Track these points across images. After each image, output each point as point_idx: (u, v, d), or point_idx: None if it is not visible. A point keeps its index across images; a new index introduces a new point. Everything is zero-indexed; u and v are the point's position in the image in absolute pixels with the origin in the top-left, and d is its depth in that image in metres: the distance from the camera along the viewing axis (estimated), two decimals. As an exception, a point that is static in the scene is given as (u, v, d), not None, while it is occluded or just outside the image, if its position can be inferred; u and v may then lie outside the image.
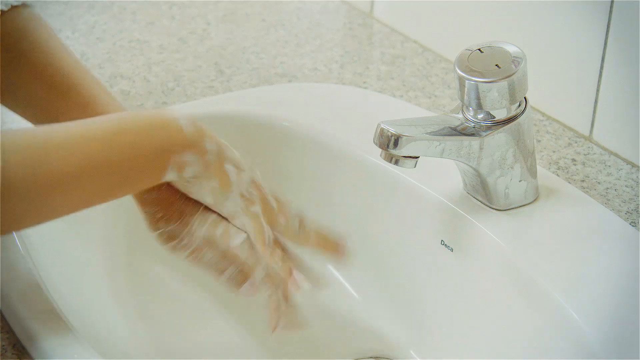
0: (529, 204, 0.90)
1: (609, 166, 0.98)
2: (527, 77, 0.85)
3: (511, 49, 0.84)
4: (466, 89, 0.84)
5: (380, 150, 0.83)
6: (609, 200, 0.93)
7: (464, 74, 0.84)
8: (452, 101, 1.09)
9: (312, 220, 0.83)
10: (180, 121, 0.77)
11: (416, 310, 0.96)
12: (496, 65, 0.84)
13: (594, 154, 1.00)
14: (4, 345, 0.77)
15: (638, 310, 0.79)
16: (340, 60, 1.18)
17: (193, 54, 1.18)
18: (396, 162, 0.83)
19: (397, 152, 0.82)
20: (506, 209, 0.89)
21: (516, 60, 0.84)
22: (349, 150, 1.00)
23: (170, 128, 0.76)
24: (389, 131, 0.82)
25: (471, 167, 0.87)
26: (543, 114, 1.06)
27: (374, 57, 1.19)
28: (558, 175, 0.97)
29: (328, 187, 1.02)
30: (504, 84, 0.83)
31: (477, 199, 0.90)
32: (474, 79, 0.83)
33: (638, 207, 0.92)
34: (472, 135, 0.85)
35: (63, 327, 0.77)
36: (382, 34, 1.23)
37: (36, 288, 0.80)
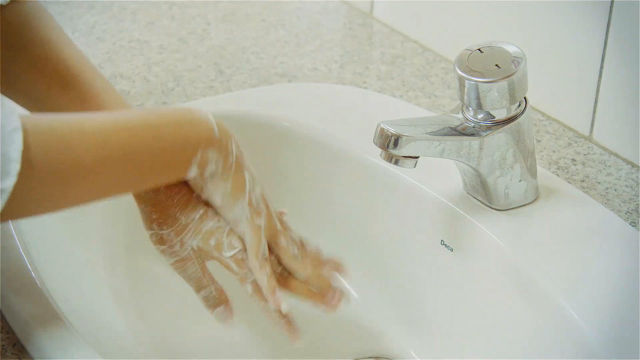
0: (529, 204, 0.90)
1: (609, 166, 0.98)
2: (527, 77, 0.85)
3: (511, 49, 0.84)
4: (466, 89, 0.84)
5: (380, 150, 0.83)
6: (609, 200, 0.93)
7: (464, 74, 0.84)
8: (452, 101, 1.09)
9: (313, 247, 0.83)
10: (208, 119, 0.77)
11: (416, 310, 0.96)
12: (496, 65, 0.84)
13: (594, 154, 1.00)
14: (4, 345, 0.77)
15: (638, 310, 0.79)
16: (340, 60, 1.18)
17: (193, 54, 1.18)
18: (396, 162, 0.83)
19: (397, 152, 0.82)
20: (506, 209, 0.89)
21: (516, 60, 0.84)
22: (349, 150, 1.00)
23: (200, 125, 0.77)
24: (389, 131, 0.82)
25: (471, 167, 0.87)
26: (543, 114, 1.06)
27: (374, 57, 1.19)
28: (558, 175, 0.97)
29: (328, 187, 1.02)
30: (504, 84, 0.83)
31: (477, 199, 0.90)
32: (474, 79, 0.83)
33: (638, 207, 0.92)
34: (472, 135, 0.85)
35: (63, 327, 0.77)
36: (382, 34, 1.23)
37: (36, 288, 0.80)
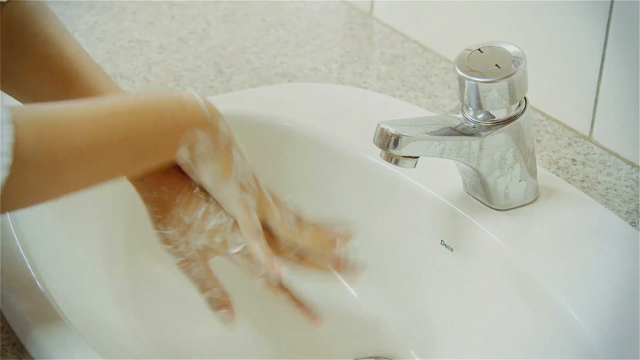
0: (529, 204, 0.90)
1: (609, 166, 0.98)
2: (527, 77, 0.85)
3: (511, 49, 0.84)
4: (466, 89, 0.84)
5: (380, 150, 0.83)
6: (609, 200, 0.93)
7: (464, 74, 0.84)
8: (452, 101, 1.09)
9: (310, 217, 0.83)
10: (197, 100, 0.78)
11: (416, 310, 0.96)
12: (496, 65, 0.84)
13: (594, 154, 1.00)
14: (3, 345, 0.77)
15: (638, 310, 0.79)
16: (340, 60, 1.18)
17: (193, 54, 1.18)
18: (396, 162, 0.83)
19: (397, 152, 0.82)
20: (506, 209, 0.89)
21: (516, 60, 0.84)
22: (349, 150, 1.00)
23: (189, 106, 0.77)
24: (388, 131, 0.82)
25: (471, 167, 0.87)
26: (543, 114, 1.06)
27: (374, 57, 1.19)
28: (558, 175, 0.96)
29: (328, 187, 1.02)
30: (503, 84, 0.83)
31: (477, 199, 0.90)
32: (474, 79, 0.83)
33: (638, 207, 0.92)
34: (472, 135, 0.85)
35: (63, 327, 0.77)
36: (382, 34, 1.23)
37: (36, 288, 0.80)
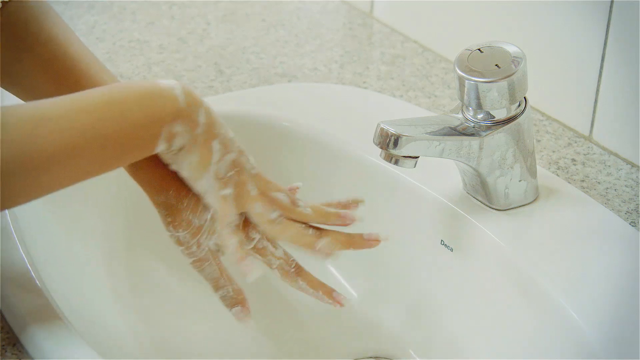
0: (528, 204, 0.90)
1: (609, 166, 0.98)
2: (527, 77, 0.85)
3: (511, 49, 0.84)
4: (466, 89, 0.84)
5: (380, 150, 0.83)
6: (608, 200, 0.93)
7: (463, 74, 0.84)
8: (452, 101, 1.09)
9: (307, 210, 0.82)
10: (175, 90, 0.75)
11: (416, 310, 0.96)
12: (496, 65, 0.84)
13: (594, 154, 1.00)
14: (3, 345, 0.77)
15: (638, 310, 0.79)
16: (340, 60, 1.18)
17: (193, 54, 1.18)
18: (396, 162, 0.83)
19: (397, 152, 0.82)
20: (506, 209, 0.89)
21: (516, 60, 0.84)
22: (349, 150, 1.00)
23: (164, 97, 0.75)
24: (388, 131, 0.82)
25: (471, 167, 0.87)
26: (543, 114, 1.06)
27: (374, 57, 1.19)
28: (558, 175, 0.96)
29: (328, 187, 1.02)
30: (503, 84, 0.83)
31: (477, 199, 0.90)
32: (473, 79, 0.83)
33: (638, 207, 0.92)
34: (472, 135, 0.85)
35: (63, 327, 0.76)
36: (382, 34, 1.23)
37: (36, 288, 0.80)
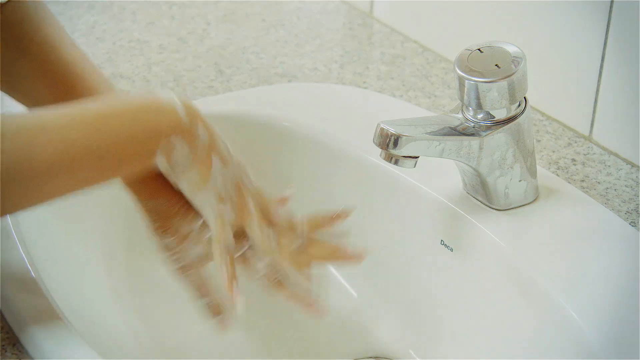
0: (528, 204, 0.90)
1: (609, 166, 0.98)
2: (527, 77, 0.85)
3: (511, 49, 0.84)
4: (466, 88, 0.84)
5: (380, 150, 0.83)
6: (608, 200, 0.93)
7: (463, 74, 0.84)
8: (452, 101, 1.09)
9: (303, 228, 0.82)
10: (175, 104, 0.75)
11: (416, 310, 0.96)
12: (496, 65, 0.84)
13: (594, 154, 1.00)
14: (3, 345, 0.77)
15: (638, 310, 0.79)
16: (340, 60, 1.18)
17: (193, 54, 1.18)
18: (396, 162, 0.83)
19: (396, 152, 0.82)
20: (506, 209, 0.89)
21: (516, 60, 0.84)
22: (349, 150, 1.00)
23: (164, 111, 0.75)
24: (388, 131, 0.82)
25: (471, 167, 0.87)
26: (543, 114, 1.06)
27: (374, 57, 1.19)
28: (558, 175, 0.96)
29: (328, 187, 1.02)
30: (503, 84, 0.83)
31: (477, 199, 0.90)
32: (473, 79, 0.83)
33: (638, 207, 0.92)
34: (472, 135, 0.85)
35: (63, 327, 0.76)
36: (382, 34, 1.23)
37: (36, 287, 0.80)
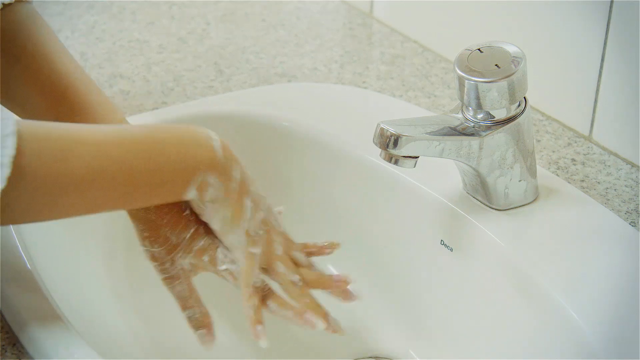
0: (528, 203, 0.90)
1: (609, 166, 0.98)
2: (527, 77, 0.85)
3: (511, 49, 0.84)
4: (466, 88, 0.84)
5: (380, 150, 0.83)
6: (608, 200, 0.93)
7: (463, 74, 0.84)
8: (452, 101, 1.09)
9: (314, 273, 0.82)
10: (213, 142, 0.75)
11: (416, 310, 0.96)
12: (496, 65, 0.84)
13: (594, 153, 1.00)
14: (3, 345, 0.77)
15: (638, 310, 0.79)
16: (340, 60, 1.18)
17: (193, 53, 1.18)
18: (396, 162, 0.83)
19: (396, 152, 0.82)
20: (506, 208, 0.89)
21: (516, 60, 0.84)
22: (349, 150, 1.00)
23: (203, 146, 0.75)
24: (388, 131, 0.82)
25: (471, 167, 0.87)
26: (543, 113, 1.06)
27: (374, 57, 1.19)
28: (558, 175, 0.96)
29: (328, 187, 1.02)
30: (503, 83, 0.83)
31: (477, 199, 0.90)
32: (473, 78, 0.83)
33: (638, 207, 0.92)
34: (472, 135, 0.85)
35: (63, 327, 0.76)
36: (382, 34, 1.23)
37: (36, 288, 0.80)
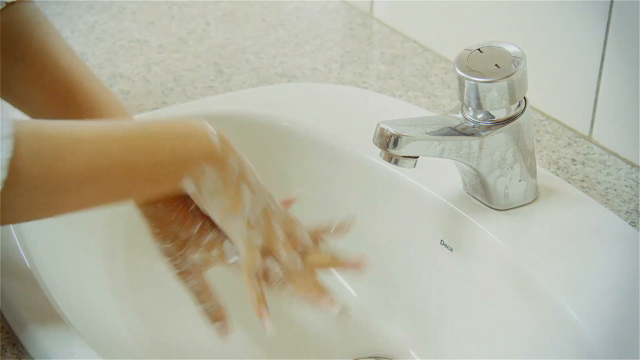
0: (528, 203, 0.90)
1: (609, 166, 0.98)
2: (527, 77, 0.85)
3: (511, 49, 0.84)
4: (466, 88, 0.84)
5: (380, 150, 0.83)
6: (608, 200, 0.93)
7: (463, 74, 0.84)
8: (452, 101, 1.09)
9: (320, 257, 0.82)
10: (208, 131, 0.76)
11: (416, 310, 0.96)
12: (496, 65, 0.84)
13: (594, 153, 1.00)
14: (3, 345, 0.77)
15: (638, 310, 0.79)
16: (340, 60, 1.18)
17: (193, 53, 1.18)
18: (396, 162, 0.83)
19: (396, 152, 0.82)
20: (506, 209, 0.89)
21: (516, 60, 0.84)
22: (349, 150, 1.00)
23: (199, 138, 0.75)
24: (388, 131, 0.82)
25: (471, 167, 0.87)
26: (543, 113, 1.06)
27: (374, 57, 1.19)
28: (558, 175, 0.96)
29: (328, 187, 1.02)
30: (503, 83, 0.83)
31: (477, 199, 0.90)
32: (473, 78, 0.83)
33: (638, 207, 0.92)
34: (472, 135, 0.85)
35: (63, 327, 0.77)
36: (382, 34, 1.23)
37: (36, 287, 0.80)
